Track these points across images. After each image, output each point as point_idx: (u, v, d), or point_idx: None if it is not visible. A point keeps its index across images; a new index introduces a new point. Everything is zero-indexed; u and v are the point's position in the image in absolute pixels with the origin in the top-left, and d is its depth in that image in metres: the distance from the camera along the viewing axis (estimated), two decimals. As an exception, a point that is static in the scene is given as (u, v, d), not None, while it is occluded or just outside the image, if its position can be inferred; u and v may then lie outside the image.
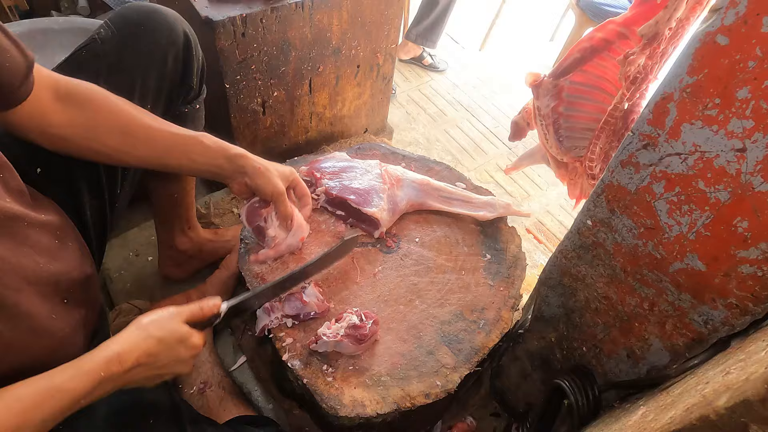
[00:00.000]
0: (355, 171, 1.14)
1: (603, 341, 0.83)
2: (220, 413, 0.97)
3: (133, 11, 0.86)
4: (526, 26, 3.04)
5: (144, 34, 0.85)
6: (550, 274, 0.88)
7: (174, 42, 0.88)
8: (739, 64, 0.51)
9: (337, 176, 1.13)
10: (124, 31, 0.85)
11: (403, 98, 2.30)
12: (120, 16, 0.86)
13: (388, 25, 1.44)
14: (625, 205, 0.68)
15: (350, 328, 0.88)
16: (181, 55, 0.90)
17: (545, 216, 1.87)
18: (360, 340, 0.88)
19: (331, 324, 0.90)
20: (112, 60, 0.84)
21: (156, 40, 0.86)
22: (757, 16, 0.48)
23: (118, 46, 0.85)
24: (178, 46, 0.89)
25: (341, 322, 0.90)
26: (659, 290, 0.69)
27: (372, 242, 1.09)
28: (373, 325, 0.90)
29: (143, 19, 0.86)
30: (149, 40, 0.86)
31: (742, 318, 0.61)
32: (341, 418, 0.84)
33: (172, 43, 0.88)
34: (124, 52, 0.85)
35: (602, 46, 1.08)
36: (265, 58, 1.25)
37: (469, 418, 1.15)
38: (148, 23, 0.86)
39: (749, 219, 0.55)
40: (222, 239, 1.28)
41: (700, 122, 0.56)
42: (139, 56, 0.86)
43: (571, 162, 1.23)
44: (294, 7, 1.20)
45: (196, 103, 1.00)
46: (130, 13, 0.86)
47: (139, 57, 0.86)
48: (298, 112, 1.46)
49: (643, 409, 0.62)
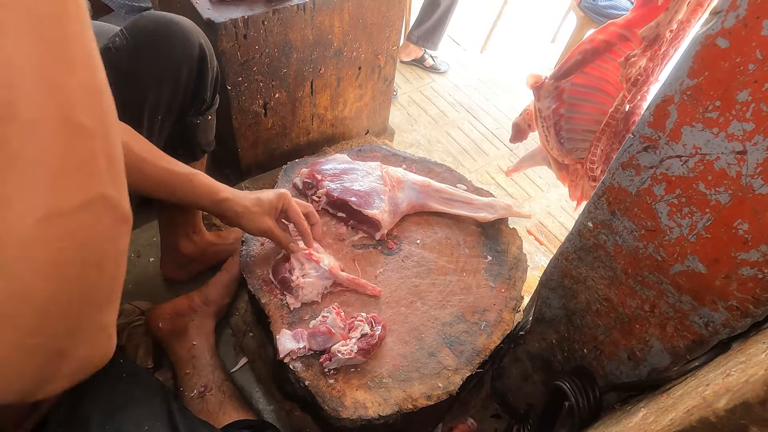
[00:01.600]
0: (356, 173, 1.15)
1: (604, 343, 0.83)
2: (219, 417, 0.97)
3: (149, 21, 0.85)
4: (528, 28, 3.04)
5: (159, 45, 0.84)
6: (551, 276, 0.88)
7: (190, 54, 0.87)
8: (740, 66, 0.51)
9: (338, 178, 1.13)
10: (139, 40, 0.84)
11: (404, 100, 2.30)
12: (136, 26, 0.85)
13: (389, 27, 1.45)
14: (625, 207, 0.69)
15: (361, 340, 0.88)
16: (196, 67, 0.89)
17: (546, 218, 1.87)
18: (369, 351, 0.88)
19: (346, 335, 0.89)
20: (126, 69, 0.83)
21: (171, 51, 0.85)
22: (758, 19, 0.48)
23: (132, 55, 0.83)
24: (193, 58, 0.88)
25: (353, 332, 0.89)
26: (660, 292, 0.69)
27: (373, 244, 1.09)
28: (382, 331, 0.90)
29: (159, 29, 0.85)
30: (165, 51, 0.85)
31: (743, 320, 0.61)
32: (343, 420, 0.85)
33: (188, 55, 0.87)
34: (139, 62, 0.84)
35: (603, 48, 1.08)
36: (267, 60, 1.25)
37: (470, 419, 1.15)
38: (164, 34, 0.85)
39: (750, 221, 0.55)
40: (225, 242, 1.28)
41: (700, 125, 0.56)
42: (154, 67, 0.85)
43: (572, 164, 1.23)
44: (295, 9, 1.20)
45: (208, 114, 0.99)
46: (146, 22, 0.85)
47: (154, 68, 0.85)
48: (299, 114, 1.46)
49: (643, 411, 0.62)
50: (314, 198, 1.12)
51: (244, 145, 1.39)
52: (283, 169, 1.24)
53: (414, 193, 1.14)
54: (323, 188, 1.11)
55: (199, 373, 1.03)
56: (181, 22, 0.87)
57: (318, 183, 1.12)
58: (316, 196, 1.12)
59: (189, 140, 0.99)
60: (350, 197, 1.08)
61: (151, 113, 0.85)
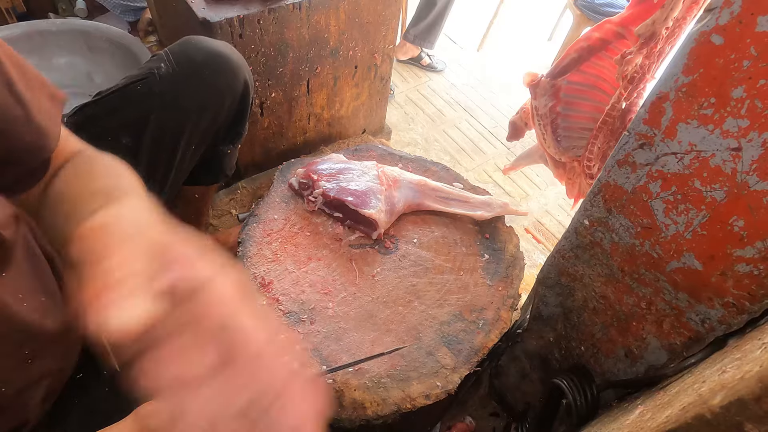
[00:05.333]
0: (352, 172, 1.14)
1: (601, 341, 0.83)
2: None
3: (197, 50, 0.83)
4: (525, 26, 3.04)
5: (206, 77, 0.82)
6: (548, 274, 0.88)
7: (235, 89, 0.85)
8: (734, 63, 0.51)
9: (334, 178, 1.13)
10: (185, 69, 0.81)
11: (401, 99, 2.30)
12: (183, 53, 0.82)
13: (385, 26, 1.44)
14: (621, 205, 0.69)
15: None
16: (238, 101, 0.88)
17: (544, 216, 1.87)
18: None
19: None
20: (168, 99, 0.81)
21: (217, 84, 0.83)
22: (752, 16, 0.48)
23: (176, 84, 0.81)
24: (236, 94, 0.86)
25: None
26: (656, 289, 0.69)
27: (370, 244, 1.09)
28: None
29: (208, 60, 0.82)
30: (210, 83, 0.83)
31: (739, 317, 0.61)
32: (341, 420, 0.84)
33: (233, 89, 0.85)
34: (182, 92, 0.82)
35: (599, 46, 1.08)
36: (263, 60, 1.25)
37: (469, 418, 1.15)
38: (213, 67, 0.82)
39: (745, 218, 0.55)
40: (224, 246, 1.28)
41: (695, 122, 0.56)
42: (197, 99, 0.83)
43: (569, 162, 1.23)
44: (291, 8, 1.20)
45: (238, 143, 0.99)
46: (194, 51, 0.82)
47: (197, 99, 0.83)
48: (296, 113, 1.46)
49: (640, 408, 0.62)
50: (311, 198, 1.12)
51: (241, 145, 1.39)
52: (279, 169, 1.24)
53: (411, 192, 1.14)
54: (319, 188, 1.11)
55: None
56: (231, 56, 0.85)
57: (314, 183, 1.12)
58: (313, 197, 1.12)
59: (216, 167, 1.00)
60: (347, 197, 1.08)
61: (187, 141, 0.84)
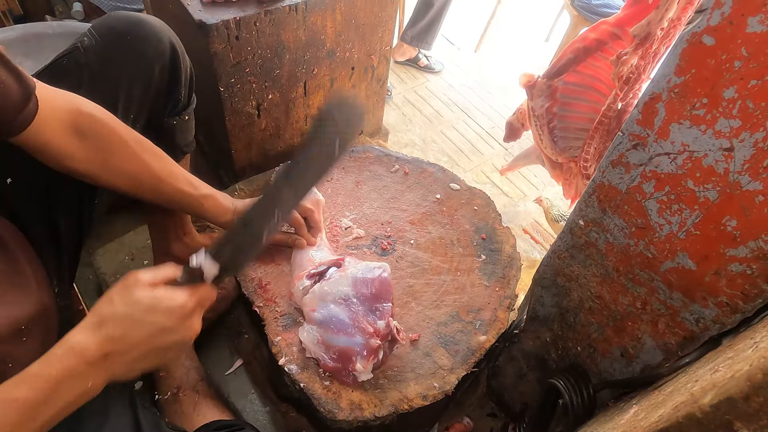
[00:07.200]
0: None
1: (597, 341, 0.83)
2: (194, 418, 0.95)
3: (118, 20, 0.84)
4: (522, 27, 3.04)
5: (129, 45, 0.83)
6: (544, 274, 0.89)
7: (161, 53, 0.86)
8: (726, 64, 0.51)
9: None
10: (108, 40, 0.82)
11: (398, 100, 2.30)
12: (104, 25, 0.83)
13: (382, 27, 1.45)
14: (616, 205, 0.69)
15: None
16: (168, 66, 0.88)
17: (542, 216, 1.87)
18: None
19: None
20: (96, 69, 0.81)
21: (142, 51, 0.84)
22: (742, 17, 0.48)
23: (101, 55, 0.82)
24: (165, 58, 0.86)
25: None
26: (651, 289, 0.70)
27: (367, 245, 1.09)
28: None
29: (129, 28, 0.83)
30: (135, 50, 0.83)
31: (733, 316, 0.61)
32: (339, 421, 0.85)
33: (159, 54, 0.85)
34: (109, 63, 0.82)
35: (595, 47, 1.08)
36: (260, 61, 1.25)
37: (466, 418, 1.15)
38: (134, 33, 0.83)
39: (738, 218, 0.56)
40: None
41: (688, 122, 0.56)
42: (124, 67, 0.83)
43: (565, 162, 1.23)
44: (288, 10, 1.20)
45: (185, 115, 0.98)
46: (114, 22, 0.84)
47: (124, 68, 0.83)
48: (293, 115, 1.46)
49: (635, 408, 0.62)
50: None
51: (237, 146, 1.39)
52: (276, 171, 1.24)
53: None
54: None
55: (173, 375, 1.02)
56: (151, 21, 0.86)
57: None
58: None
59: (168, 142, 0.98)
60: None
61: (123, 112, 0.84)
